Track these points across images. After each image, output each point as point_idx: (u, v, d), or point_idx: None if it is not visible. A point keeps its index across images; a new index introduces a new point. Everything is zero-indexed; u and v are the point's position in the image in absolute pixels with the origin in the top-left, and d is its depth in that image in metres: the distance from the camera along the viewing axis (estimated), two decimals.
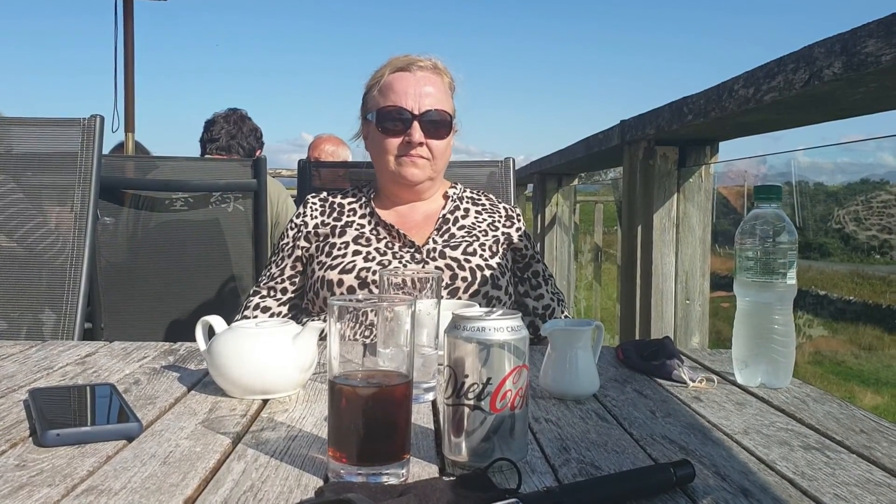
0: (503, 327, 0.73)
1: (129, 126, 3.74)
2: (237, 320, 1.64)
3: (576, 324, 1.04)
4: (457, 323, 0.74)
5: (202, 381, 1.07)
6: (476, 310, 0.78)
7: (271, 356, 0.99)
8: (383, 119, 1.63)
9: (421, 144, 1.61)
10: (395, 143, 1.63)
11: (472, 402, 0.72)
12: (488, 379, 0.71)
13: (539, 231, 3.87)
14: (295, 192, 2.71)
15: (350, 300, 0.73)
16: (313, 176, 2.14)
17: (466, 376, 0.72)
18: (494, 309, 0.77)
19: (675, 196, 1.92)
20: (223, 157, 3.01)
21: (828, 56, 0.97)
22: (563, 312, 1.70)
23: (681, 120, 1.60)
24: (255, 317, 1.63)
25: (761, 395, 1.03)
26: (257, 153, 3.14)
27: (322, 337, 1.09)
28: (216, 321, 1.07)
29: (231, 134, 3.02)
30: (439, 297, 1.04)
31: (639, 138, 1.94)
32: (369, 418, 0.69)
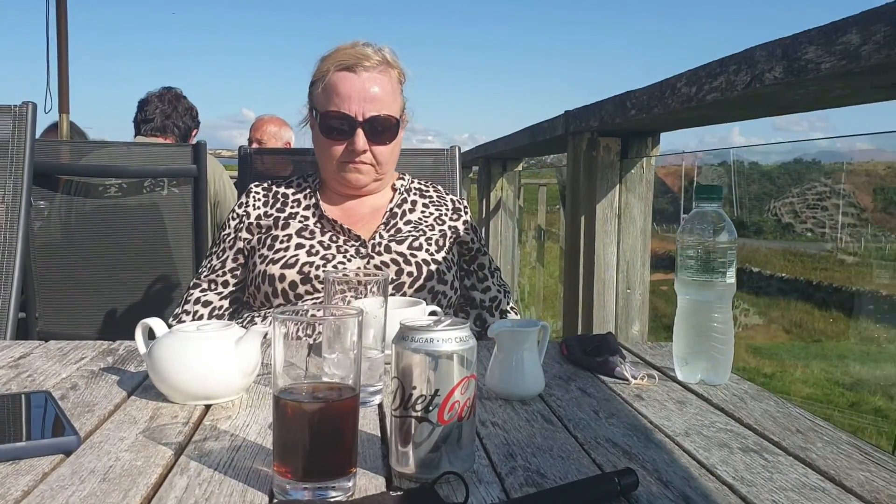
0: (451, 338, 0.73)
1: (64, 107, 3.61)
2: (177, 314, 1.62)
3: (522, 324, 1.04)
4: (404, 334, 0.74)
5: (143, 385, 1.04)
6: (424, 319, 0.77)
7: (214, 361, 0.97)
8: (326, 123, 1.58)
9: (364, 151, 1.58)
10: (338, 148, 1.59)
11: (419, 414, 0.71)
12: (436, 391, 0.71)
13: (484, 215, 3.89)
14: (236, 175, 2.66)
15: (295, 313, 0.72)
16: (255, 161, 2.09)
17: (414, 388, 0.72)
18: (442, 318, 0.77)
19: (618, 187, 1.94)
20: (158, 137, 2.93)
21: (769, 60, 0.98)
22: (509, 304, 1.71)
23: (624, 114, 1.61)
24: (196, 311, 1.60)
25: (701, 392, 1.05)
26: (193, 133, 3.07)
27: (266, 339, 1.08)
28: (156, 324, 1.05)
29: (166, 114, 2.94)
30: (386, 298, 1.03)
31: (582, 129, 1.95)
32: (315, 434, 0.68)
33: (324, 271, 1.52)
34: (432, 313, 1.29)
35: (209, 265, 1.66)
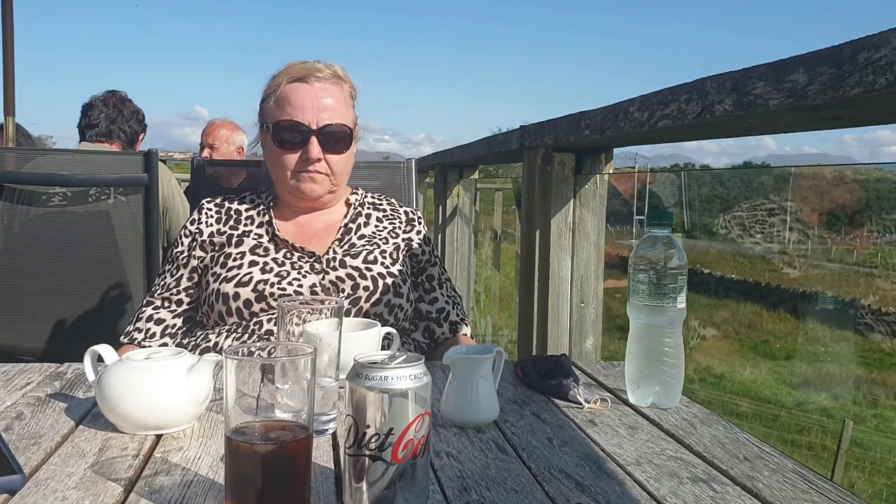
0: (406, 375, 0.73)
1: (9, 109, 3.51)
2: (129, 331, 1.58)
3: (477, 350, 1.05)
4: (359, 371, 0.73)
5: (91, 413, 1.02)
6: (378, 355, 0.77)
7: (164, 390, 0.95)
8: (280, 133, 1.57)
9: (319, 160, 1.57)
10: (292, 158, 1.58)
11: (373, 453, 0.71)
12: (390, 429, 0.71)
13: (440, 222, 3.89)
14: (187, 178, 2.60)
15: (247, 352, 0.72)
16: (208, 172, 2.06)
17: (368, 426, 0.72)
18: (397, 353, 0.77)
19: (572, 202, 1.96)
20: (104, 143, 2.86)
21: (719, 92, 1.00)
22: (458, 315, 1.71)
23: (578, 133, 1.63)
24: (149, 329, 1.57)
25: (652, 416, 1.07)
26: (140, 137, 3.01)
27: (218, 366, 1.07)
28: (105, 351, 1.03)
29: (111, 118, 2.87)
30: (340, 325, 1.03)
31: (537, 145, 1.97)
32: (268, 474, 0.68)
33: (279, 289, 1.50)
34: (387, 335, 1.29)
35: (163, 283, 1.63)
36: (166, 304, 1.60)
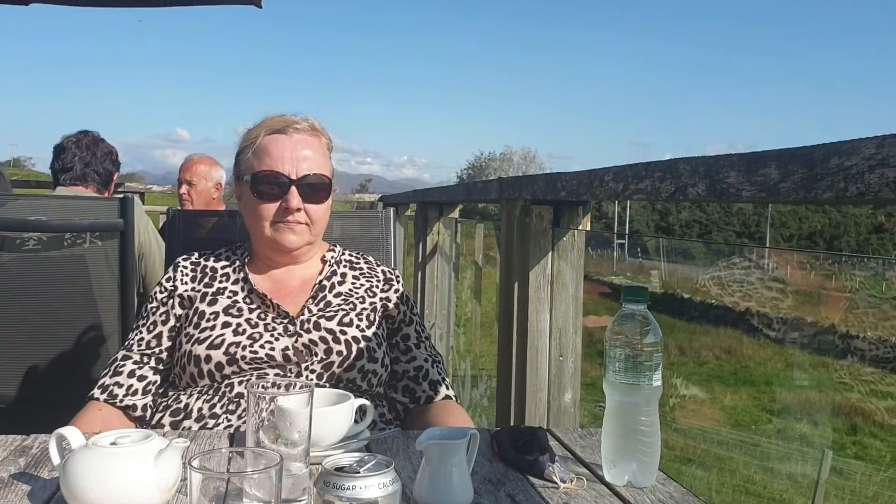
0: (374, 484, 0.71)
1: None
2: (108, 385, 1.54)
3: (451, 435, 1.03)
4: (327, 479, 0.72)
5: (56, 497, 1.00)
6: (347, 458, 0.76)
7: (131, 478, 0.93)
8: (259, 183, 1.58)
9: (299, 210, 1.58)
10: (271, 208, 1.58)
11: None
12: None
13: (420, 259, 3.88)
14: (165, 216, 2.57)
15: (208, 466, 0.70)
16: (184, 224, 2.04)
17: None
18: (366, 458, 0.76)
19: (550, 254, 1.96)
20: (79, 186, 2.84)
21: (692, 175, 1.00)
22: (439, 373, 1.69)
23: (554, 193, 1.64)
24: (131, 385, 1.55)
25: (628, 497, 1.06)
26: (114, 177, 2.99)
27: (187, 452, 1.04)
28: (72, 434, 1.00)
29: (85, 161, 2.85)
30: (311, 411, 1.01)
31: (516, 197, 1.97)
32: None
33: (251, 353, 1.49)
34: (360, 407, 1.27)
35: (141, 338, 1.60)
36: (146, 359, 1.58)
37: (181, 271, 1.67)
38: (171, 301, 1.62)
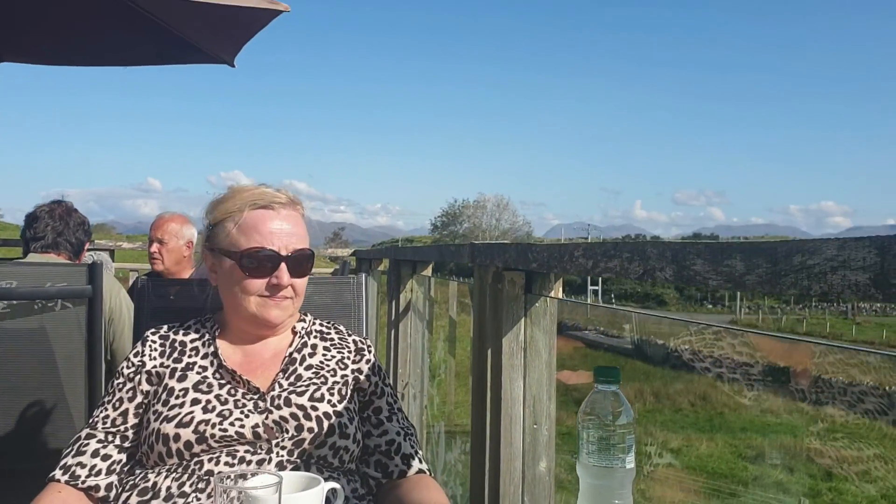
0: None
1: None
2: (70, 466, 1.49)
3: None
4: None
5: None
6: None
7: None
8: (249, 260, 1.57)
9: (289, 286, 1.59)
10: (259, 283, 1.58)
11: None
12: None
13: (394, 317, 3.87)
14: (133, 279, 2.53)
15: None
16: (152, 293, 2.01)
17: None
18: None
19: (523, 320, 1.96)
20: (50, 254, 2.81)
21: (660, 259, 1.01)
22: (411, 447, 1.67)
23: (525, 264, 1.64)
24: (94, 465, 1.51)
25: None
26: (86, 246, 2.97)
27: None
28: None
29: (57, 231, 2.83)
30: (279, 499, 0.99)
31: (487, 263, 1.97)
32: None
33: (220, 430, 1.46)
34: (331, 490, 1.25)
35: (106, 415, 1.57)
36: (111, 437, 1.54)
37: (149, 346, 1.64)
38: (138, 377, 1.59)
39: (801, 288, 0.74)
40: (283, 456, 1.48)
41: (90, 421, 1.59)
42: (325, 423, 1.52)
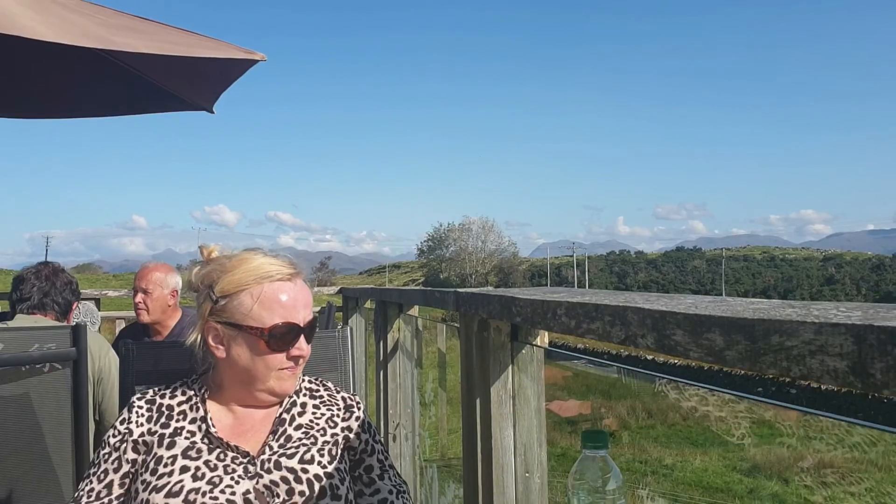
0: None
1: None
2: None
3: None
4: None
5: None
6: None
7: None
8: (276, 337, 1.55)
9: (307, 356, 1.61)
10: (280, 357, 1.58)
11: None
12: None
13: (382, 358, 3.86)
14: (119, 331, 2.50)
15: None
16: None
17: None
18: None
19: (510, 368, 1.95)
20: (36, 314, 2.80)
21: (640, 326, 1.02)
22: None
23: (509, 317, 1.65)
24: None
25: None
26: (74, 307, 2.95)
27: None
28: None
29: (44, 291, 2.82)
30: None
31: (472, 313, 1.98)
32: None
33: (210, 499, 1.46)
34: None
35: (91, 489, 1.55)
36: None
37: (136, 412, 1.63)
38: (124, 446, 1.58)
39: (780, 369, 0.75)
40: None
41: (75, 495, 1.57)
42: (317, 486, 1.51)
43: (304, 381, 1.74)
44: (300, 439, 1.59)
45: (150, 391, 1.68)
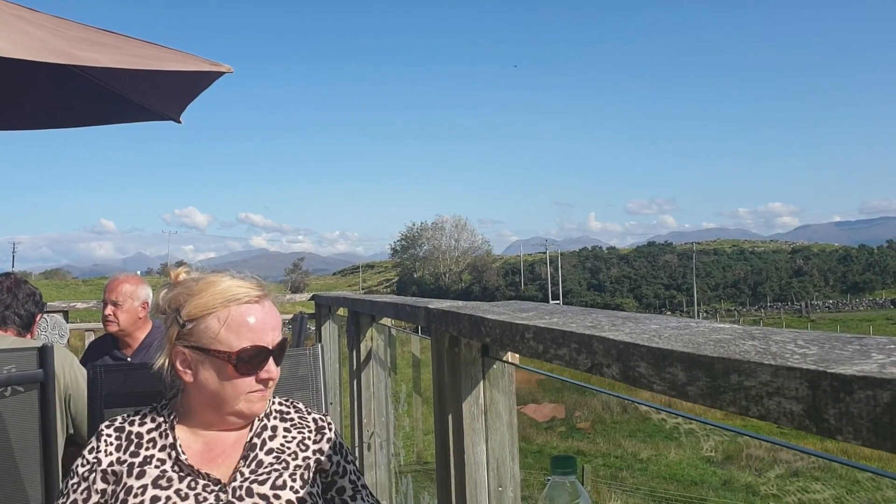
0: None
1: None
2: None
3: None
4: None
5: None
6: None
7: None
8: (244, 361, 1.54)
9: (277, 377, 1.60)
10: (250, 381, 1.56)
11: None
12: None
13: (355, 367, 3.85)
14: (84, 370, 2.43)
15: None
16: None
17: None
18: None
19: (482, 383, 1.96)
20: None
21: (606, 356, 1.03)
22: None
23: (479, 337, 1.66)
24: None
25: None
26: (37, 318, 2.89)
27: None
28: None
29: (5, 304, 2.76)
30: None
31: (443, 329, 1.98)
32: None
33: None
34: None
35: None
36: None
37: (104, 441, 1.61)
38: (93, 475, 1.56)
39: (739, 407, 0.76)
40: None
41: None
42: None
43: (274, 402, 1.73)
44: (271, 464, 1.59)
45: (119, 418, 1.66)
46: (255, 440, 1.62)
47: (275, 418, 1.69)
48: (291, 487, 1.55)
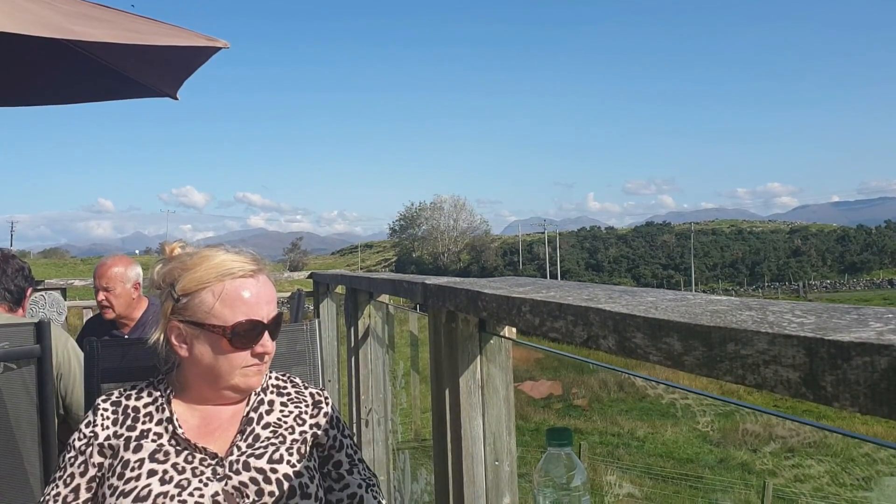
0: None
1: None
2: None
3: None
4: None
5: None
6: None
7: None
8: (238, 334, 1.54)
9: (272, 351, 1.59)
10: (245, 355, 1.56)
11: None
12: None
13: (353, 344, 3.85)
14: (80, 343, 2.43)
15: None
16: (103, 356, 1.98)
17: None
18: None
19: (479, 358, 1.96)
20: None
21: (602, 327, 1.03)
22: (375, 498, 1.68)
23: (476, 311, 1.65)
24: None
25: None
26: (28, 292, 2.88)
27: None
28: None
29: None
30: None
31: (440, 305, 1.98)
32: None
33: (179, 502, 1.45)
34: None
35: (57, 493, 1.54)
36: None
37: (101, 415, 1.61)
38: (89, 449, 1.56)
39: (736, 377, 0.76)
40: None
41: (42, 499, 1.56)
42: (286, 485, 1.51)
43: (271, 377, 1.73)
44: (268, 438, 1.59)
45: (116, 392, 1.66)
46: (252, 414, 1.62)
47: (271, 393, 1.69)
48: (288, 461, 1.55)
